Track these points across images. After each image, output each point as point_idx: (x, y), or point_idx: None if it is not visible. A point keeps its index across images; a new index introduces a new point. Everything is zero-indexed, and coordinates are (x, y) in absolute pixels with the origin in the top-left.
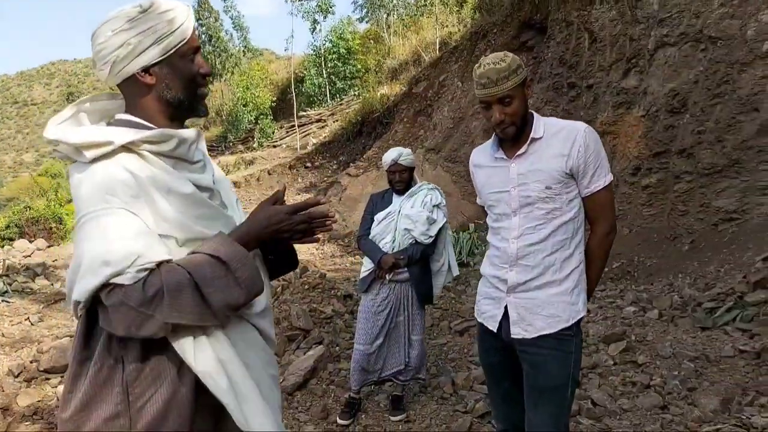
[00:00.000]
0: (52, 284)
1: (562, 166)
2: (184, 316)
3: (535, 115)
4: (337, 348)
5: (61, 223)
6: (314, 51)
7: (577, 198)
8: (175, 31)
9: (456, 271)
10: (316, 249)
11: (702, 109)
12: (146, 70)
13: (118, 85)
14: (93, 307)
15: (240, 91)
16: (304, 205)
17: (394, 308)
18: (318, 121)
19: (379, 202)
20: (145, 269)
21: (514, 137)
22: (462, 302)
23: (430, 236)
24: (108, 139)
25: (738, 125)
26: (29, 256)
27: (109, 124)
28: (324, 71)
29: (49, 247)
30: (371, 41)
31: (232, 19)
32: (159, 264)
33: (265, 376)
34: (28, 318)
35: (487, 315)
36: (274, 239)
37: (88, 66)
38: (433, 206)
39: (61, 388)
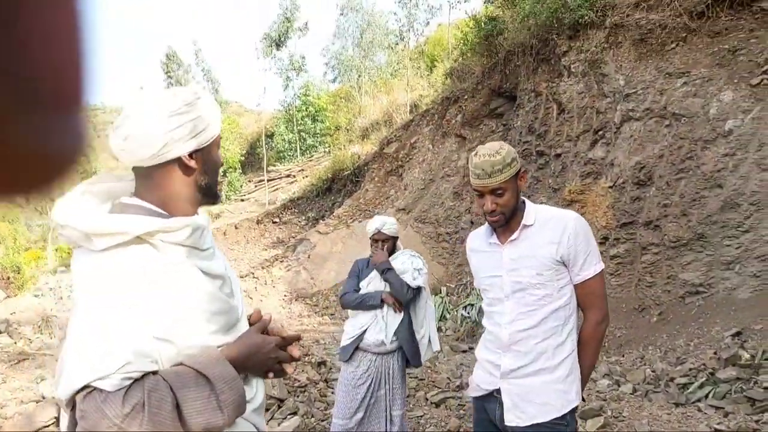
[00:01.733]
0: (15, 342)
1: (552, 253)
2: None
3: (527, 202)
4: (313, 419)
5: (18, 273)
6: (284, 107)
7: (568, 285)
8: (215, 120)
9: (437, 346)
10: (283, 308)
11: (667, 182)
12: (190, 154)
13: (143, 168)
14: None
15: None
16: (294, 337)
17: (375, 381)
18: (287, 176)
19: (364, 268)
20: (130, 378)
21: (502, 225)
22: (437, 372)
23: (418, 284)
24: (123, 228)
25: (702, 200)
26: None
27: (114, 206)
28: (294, 128)
29: (6, 297)
30: (342, 99)
31: (203, 71)
32: (145, 374)
33: None
34: None
35: (481, 387)
36: (252, 368)
37: None
38: (414, 269)
39: None
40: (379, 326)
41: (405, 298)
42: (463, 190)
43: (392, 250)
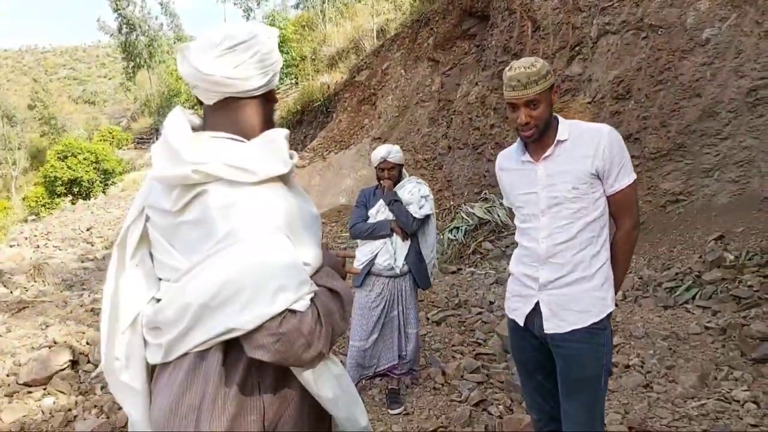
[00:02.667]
0: (11, 291)
1: (588, 167)
2: (326, 346)
3: (560, 118)
4: None
5: None
6: None
7: (602, 197)
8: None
9: (435, 265)
10: None
11: (646, 95)
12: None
13: (235, 100)
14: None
15: (171, 80)
16: (348, 255)
17: (388, 303)
18: None
19: (371, 197)
20: (311, 298)
21: (535, 140)
22: (435, 292)
23: (423, 214)
24: (279, 162)
25: (681, 110)
26: None
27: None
28: None
29: None
30: (305, 28)
31: (161, 5)
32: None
33: None
34: None
35: (518, 312)
36: None
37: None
38: (421, 197)
39: (45, 401)
40: (389, 252)
41: (411, 230)
42: (438, 115)
43: (398, 178)
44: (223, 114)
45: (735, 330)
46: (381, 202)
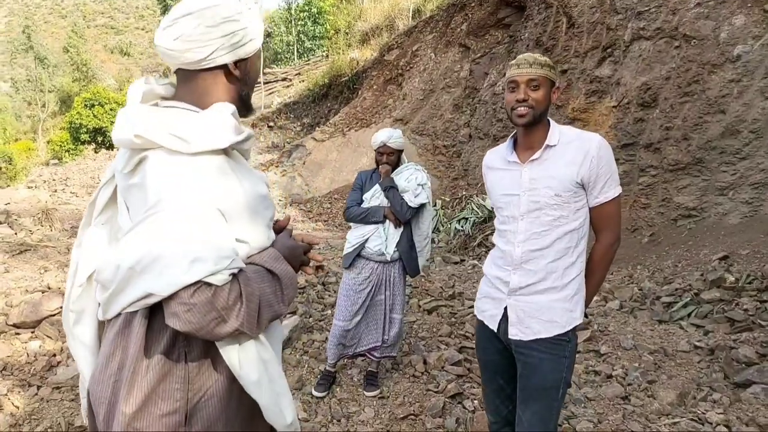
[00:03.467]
0: (15, 233)
1: (573, 175)
2: (249, 326)
3: (552, 122)
4: (311, 319)
5: (10, 163)
6: (286, 5)
7: (584, 208)
8: (259, 32)
9: (428, 254)
10: (278, 212)
11: (672, 105)
12: (236, 63)
13: (189, 72)
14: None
15: None
16: (314, 242)
17: (375, 287)
18: (284, 80)
19: (367, 181)
20: (233, 273)
21: (527, 124)
22: (431, 281)
23: (418, 202)
24: (220, 135)
25: (704, 125)
26: None
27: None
28: (293, 29)
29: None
30: (343, 1)
31: None
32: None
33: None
34: None
35: (488, 314)
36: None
37: None
38: (418, 185)
39: (31, 344)
40: (381, 238)
41: (404, 218)
42: (463, 102)
43: (397, 163)
44: (183, 84)
45: (723, 352)
46: (377, 186)
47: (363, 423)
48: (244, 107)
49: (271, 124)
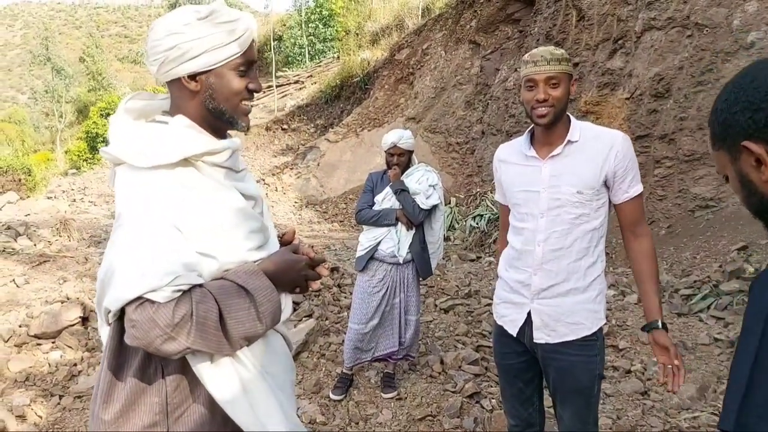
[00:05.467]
0: (35, 244)
1: (597, 171)
2: (205, 344)
3: (572, 118)
4: (327, 321)
5: (29, 175)
6: (296, 9)
7: (604, 207)
8: (230, 43)
9: (441, 254)
10: (294, 214)
11: (685, 95)
12: (193, 76)
13: (167, 83)
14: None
15: None
16: (320, 260)
17: (390, 290)
18: (296, 82)
19: (378, 182)
20: (180, 290)
21: (549, 123)
22: (447, 280)
23: (430, 204)
24: (170, 149)
25: None
26: (0, 209)
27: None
28: (303, 32)
29: (19, 199)
30: (352, 2)
31: None
32: (192, 286)
33: (287, 382)
34: (14, 280)
35: (508, 319)
36: (283, 283)
37: (54, 9)
38: (429, 186)
39: (52, 354)
40: (393, 240)
41: (417, 221)
42: (475, 99)
43: (407, 164)
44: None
45: None
46: (388, 189)
47: (381, 425)
48: (220, 121)
49: (285, 126)
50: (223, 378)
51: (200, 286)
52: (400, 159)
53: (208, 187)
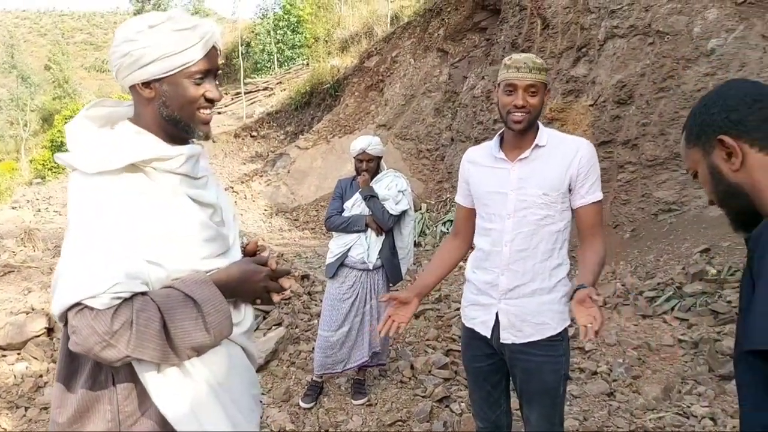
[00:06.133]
0: None
1: (562, 175)
2: (146, 353)
3: (540, 124)
4: (297, 329)
5: None
6: (263, 16)
7: (568, 210)
8: (183, 51)
9: (411, 259)
10: (264, 222)
11: (647, 102)
12: (147, 84)
13: (129, 90)
14: None
15: None
16: (284, 272)
17: (360, 297)
18: (265, 89)
19: (348, 188)
20: (120, 297)
21: (523, 129)
22: None
23: (399, 210)
24: (115, 155)
25: (681, 120)
26: None
27: (113, 131)
28: (272, 39)
29: None
30: (321, 9)
31: None
32: (134, 294)
33: (247, 397)
34: None
35: (478, 321)
36: (241, 294)
37: (18, 17)
38: (398, 191)
39: (18, 365)
40: (363, 247)
41: (387, 226)
42: (444, 106)
43: (376, 170)
44: None
45: (707, 345)
46: (357, 195)
47: None
48: (176, 129)
49: (254, 133)
50: (170, 389)
51: (144, 294)
52: (369, 165)
53: (159, 194)
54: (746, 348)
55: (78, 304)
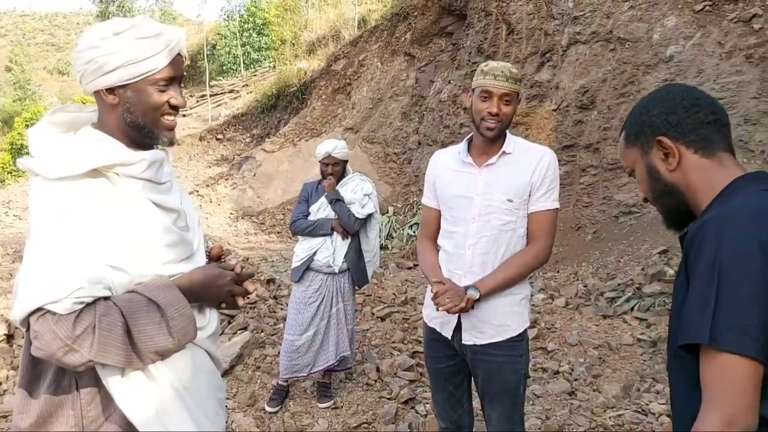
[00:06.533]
0: None
1: (526, 181)
2: (109, 357)
3: (507, 132)
4: (263, 334)
5: None
6: (228, 18)
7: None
8: (147, 59)
9: (377, 262)
10: (229, 226)
11: (609, 106)
12: (111, 90)
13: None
14: None
15: None
16: (248, 275)
17: (326, 300)
18: (231, 91)
19: (313, 192)
20: (82, 302)
21: (494, 137)
22: (384, 288)
23: (365, 213)
24: (77, 161)
25: None
26: None
27: (76, 136)
28: (238, 41)
29: None
30: (287, 11)
31: None
32: (97, 299)
33: (213, 401)
34: None
35: (439, 321)
36: (206, 299)
37: None
38: (364, 195)
39: None
40: (329, 250)
41: (353, 230)
42: (411, 110)
43: (342, 174)
44: None
45: (665, 344)
46: (323, 199)
47: None
48: (139, 135)
49: (220, 136)
50: (134, 393)
51: (107, 299)
52: (335, 169)
53: (122, 199)
54: (679, 343)
55: (40, 309)
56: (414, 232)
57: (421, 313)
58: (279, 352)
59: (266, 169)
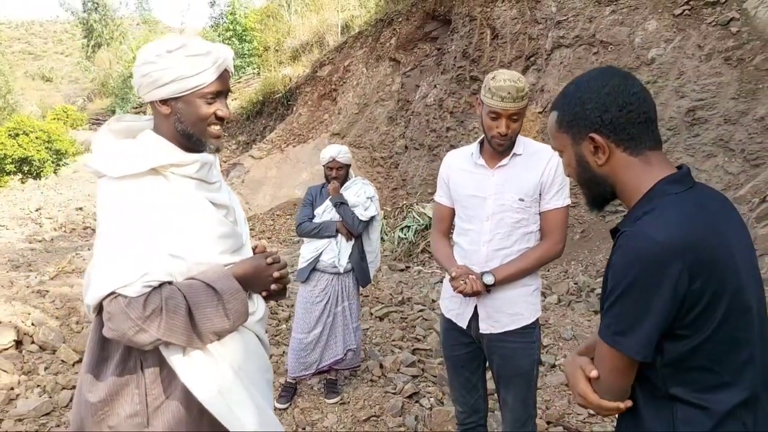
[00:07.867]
0: None
1: (536, 181)
2: (174, 336)
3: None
4: (266, 334)
5: None
6: (213, 25)
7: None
8: (198, 74)
9: (378, 262)
10: None
11: None
12: (165, 101)
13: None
14: None
15: (130, 62)
16: (283, 264)
17: (331, 299)
18: None
19: (318, 196)
20: (150, 285)
21: (505, 150)
22: (380, 289)
23: (368, 216)
24: (138, 161)
25: None
26: None
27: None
28: None
29: None
30: (270, 18)
31: None
32: (162, 283)
33: (263, 381)
34: None
35: (456, 312)
36: (253, 286)
37: None
38: (367, 198)
39: None
40: (334, 251)
41: (357, 232)
42: (397, 115)
43: (345, 178)
44: None
45: None
46: (328, 202)
47: (327, 429)
48: (189, 142)
49: None
50: (197, 371)
51: (170, 283)
52: (339, 173)
53: (178, 195)
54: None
55: (112, 293)
56: (404, 234)
57: (418, 312)
58: (284, 352)
59: (254, 176)
